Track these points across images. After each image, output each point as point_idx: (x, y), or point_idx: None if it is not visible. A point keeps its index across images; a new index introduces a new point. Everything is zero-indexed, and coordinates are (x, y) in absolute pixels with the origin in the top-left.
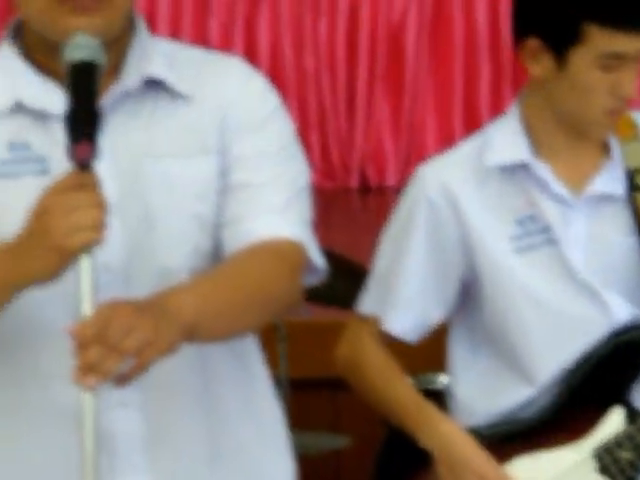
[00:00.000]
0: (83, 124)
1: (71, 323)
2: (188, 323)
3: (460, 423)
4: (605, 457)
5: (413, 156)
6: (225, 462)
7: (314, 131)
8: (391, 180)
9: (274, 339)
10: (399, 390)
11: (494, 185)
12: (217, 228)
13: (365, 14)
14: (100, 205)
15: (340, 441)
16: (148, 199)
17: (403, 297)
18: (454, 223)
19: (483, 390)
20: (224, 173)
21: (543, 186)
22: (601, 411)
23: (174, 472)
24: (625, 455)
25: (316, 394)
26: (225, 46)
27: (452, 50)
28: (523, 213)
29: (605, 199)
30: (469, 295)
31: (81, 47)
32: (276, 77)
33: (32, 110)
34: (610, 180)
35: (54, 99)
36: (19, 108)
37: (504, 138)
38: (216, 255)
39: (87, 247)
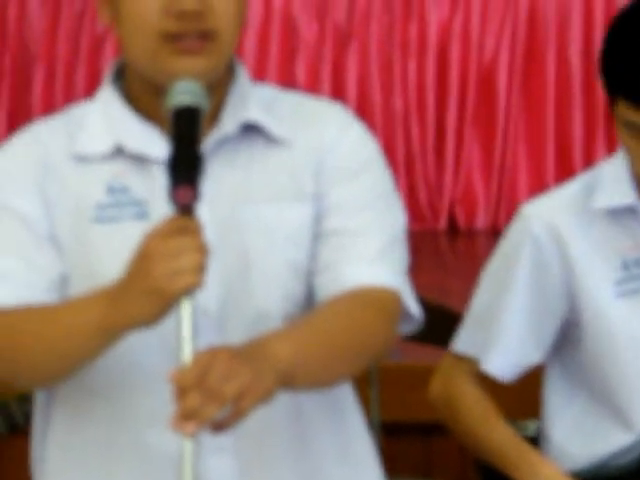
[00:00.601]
0: (186, 168)
1: (171, 369)
2: (285, 371)
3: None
4: None
5: (504, 199)
6: None
7: (402, 173)
8: (480, 223)
9: (365, 382)
10: (497, 432)
11: (601, 227)
12: (310, 274)
13: (455, 54)
14: (202, 249)
15: None
16: (244, 244)
17: (502, 336)
18: (558, 263)
19: (579, 434)
20: (319, 219)
21: None
22: None
23: None
24: None
25: (408, 438)
26: (312, 87)
27: (544, 92)
28: (629, 256)
29: None
30: (568, 337)
31: (185, 92)
32: (364, 118)
33: (132, 154)
34: None
35: (154, 143)
36: (119, 152)
37: (613, 180)
38: (309, 301)
39: (188, 291)
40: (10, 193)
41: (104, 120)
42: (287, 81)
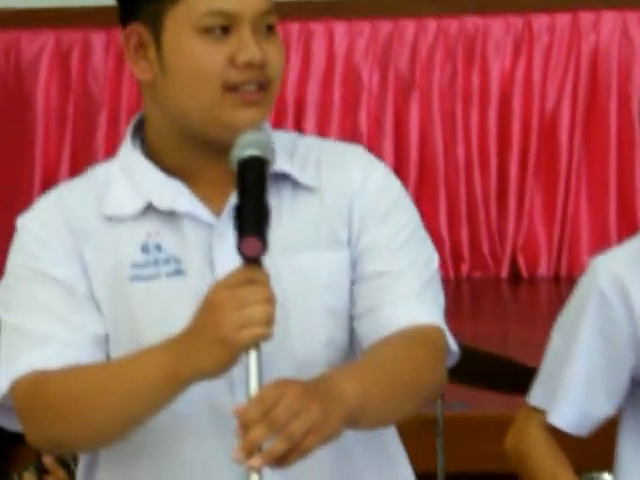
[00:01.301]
0: (254, 220)
1: (236, 404)
2: (353, 410)
3: None
4: None
5: (565, 247)
6: None
7: (464, 221)
8: (543, 270)
9: (431, 433)
10: None
11: None
12: (351, 319)
13: (517, 104)
14: (271, 300)
15: None
16: (282, 294)
17: (570, 389)
18: (626, 318)
19: None
20: (354, 263)
21: None
22: None
23: None
24: None
25: None
26: (375, 135)
27: (606, 141)
28: None
29: None
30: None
31: (253, 144)
32: (426, 168)
33: (161, 211)
34: None
35: (182, 198)
36: (149, 209)
37: None
38: (351, 347)
39: (257, 342)
40: (47, 261)
41: (129, 179)
42: (350, 130)
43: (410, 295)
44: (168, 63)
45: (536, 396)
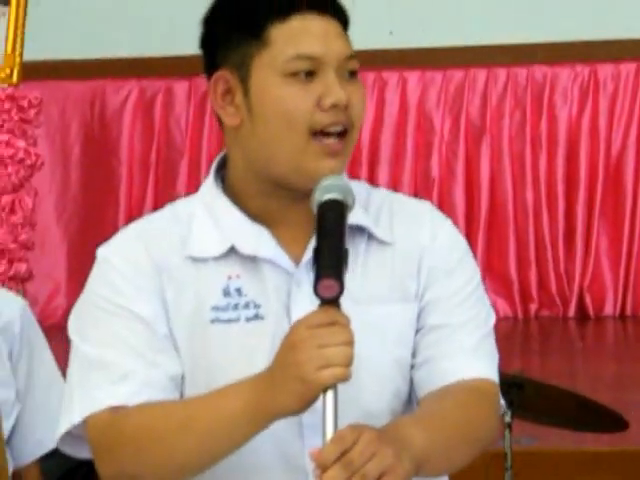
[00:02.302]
0: (333, 262)
1: (312, 448)
2: (420, 457)
3: None
4: None
5: (631, 285)
6: None
7: (533, 262)
8: (609, 309)
9: (501, 467)
10: None
11: None
12: (414, 370)
13: (584, 149)
14: (350, 342)
15: None
16: (356, 348)
17: None
18: None
19: None
20: (421, 317)
21: None
22: None
23: None
24: None
25: None
26: (447, 181)
27: None
28: None
29: None
30: None
31: (335, 188)
32: (496, 211)
33: (244, 255)
34: None
35: (264, 244)
36: (232, 253)
37: None
38: (410, 396)
39: (337, 382)
40: (129, 296)
41: (212, 220)
42: (422, 175)
43: (467, 349)
44: (256, 107)
45: None
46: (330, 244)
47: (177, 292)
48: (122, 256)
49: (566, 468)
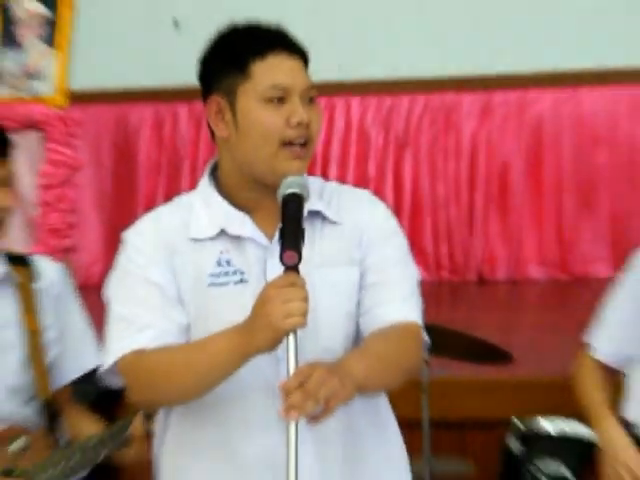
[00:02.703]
0: (293, 239)
1: (280, 379)
2: (359, 382)
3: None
4: None
5: (515, 259)
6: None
7: (444, 240)
8: (501, 276)
9: (420, 391)
10: (593, 399)
11: None
12: (357, 316)
13: (482, 157)
14: (306, 299)
15: (466, 467)
16: (314, 299)
17: (609, 332)
18: None
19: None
20: (363, 277)
21: None
22: None
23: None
24: None
25: (448, 430)
26: (379, 182)
27: (543, 186)
28: None
29: None
30: None
31: (295, 185)
32: (416, 202)
33: (231, 236)
34: None
35: (247, 227)
36: (222, 234)
37: None
38: (357, 337)
39: (295, 328)
40: (146, 267)
41: (208, 211)
42: (361, 177)
43: (399, 299)
44: (241, 124)
45: (589, 336)
46: (291, 226)
47: (182, 264)
48: (140, 238)
49: (466, 392)
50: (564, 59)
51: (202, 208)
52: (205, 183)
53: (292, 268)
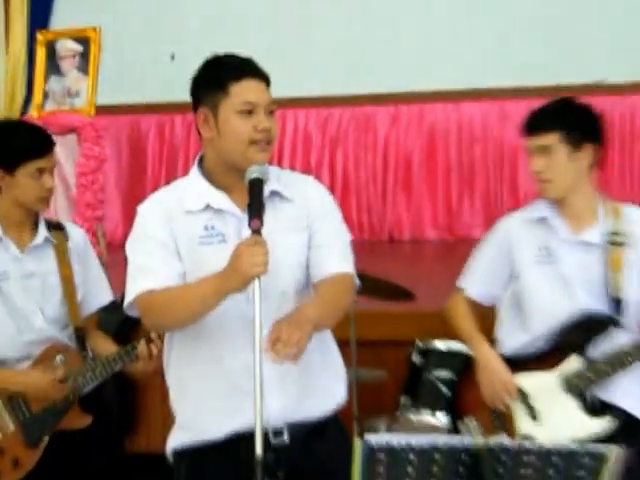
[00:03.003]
0: (257, 210)
1: (263, 339)
2: (315, 322)
3: (498, 351)
4: (567, 380)
5: (416, 224)
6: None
7: (365, 211)
8: (406, 236)
9: (348, 320)
10: (466, 327)
11: (530, 228)
12: (307, 268)
13: (392, 151)
14: (267, 254)
15: (382, 374)
16: (275, 254)
17: (479, 277)
18: (507, 245)
19: (507, 335)
20: (310, 239)
21: (556, 231)
22: (567, 356)
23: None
24: (578, 381)
25: (369, 348)
26: (319, 168)
27: (436, 172)
28: (542, 243)
29: (588, 244)
30: (511, 281)
31: (258, 171)
32: (345, 184)
33: (215, 209)
34: (594, 234)
35: (226, 202)
36: (208, 207)
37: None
38: (307, 283)
39: (259, 275)
40: (152, 230)
41: (197, 191)
42: (306, 165)
43: (337, 256)
44: (222, 129)
45: (462, 279)
46: (255, 202)
47: (180, 228)
48: (150, 210)
49: (383, 320)
50: (449, 81)
51: (192, 189)
52: (194, 170)
53: (256, 231)
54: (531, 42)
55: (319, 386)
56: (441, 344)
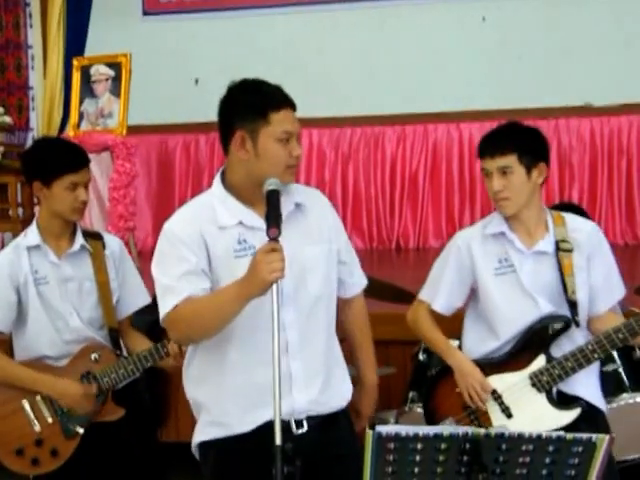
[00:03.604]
0: (275, 219)
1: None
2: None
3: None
4: (535, 378)
5: (421, 233)
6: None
7: (374, 222)
8: (412, 244)
9: None
10: (438, 338)
11: (488, 242)
12: (335, 281)
13: (399, 168)
14: (283, 260)
15: (390, 370)
16: (302, 264)
17: (442, 291)
18: (468, 260)
19: (476, 343)
20: (338, 254)
21: (513, 244)
22: (533, 356)
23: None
24: (545, 378)
25: (379, 346)
26: (332, 183)
27: (439, 187)
28: (501, 256)
29: (542, 253)
30: (474, 292)
31: (274, 183)
32: (356, 197)
33: (246, 225)
34: (547, 243)
35: (255, 219)
36: (240, 224)
37: (494, 218)
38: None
39: (277, 280)
40: (183, 250)
41: (225, 207)
42: (320, 180)
43: (357, 269)
44: (260, 153)
45: (424, 293)
46: (272, 211)
47: (214, 242)
48: (177, 226)
49: (391, 321)
50: (451, 103)
51: (220, 205)
52: (219, 187)
53: (274, 239)
54: (522, 70)
55: (335, 381)
56: None
